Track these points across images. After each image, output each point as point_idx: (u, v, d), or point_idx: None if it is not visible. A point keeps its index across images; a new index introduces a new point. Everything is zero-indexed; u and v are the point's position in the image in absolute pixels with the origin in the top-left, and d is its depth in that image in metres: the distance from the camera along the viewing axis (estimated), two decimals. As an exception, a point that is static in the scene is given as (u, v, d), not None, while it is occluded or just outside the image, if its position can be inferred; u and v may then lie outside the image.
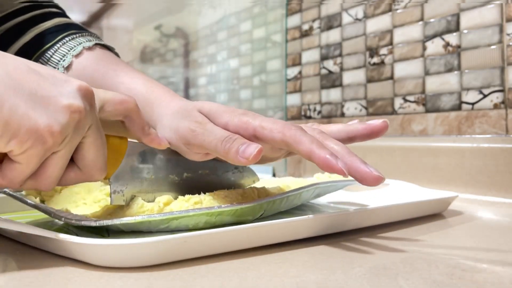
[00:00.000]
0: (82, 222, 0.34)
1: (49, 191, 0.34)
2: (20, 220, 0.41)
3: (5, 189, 0.40)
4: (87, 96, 0.33)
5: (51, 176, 0.32)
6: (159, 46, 1.68)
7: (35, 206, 0.37)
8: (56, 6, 0.58)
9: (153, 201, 0.39)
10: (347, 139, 0.44)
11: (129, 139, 0.40)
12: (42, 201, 0.41)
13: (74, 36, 0.53)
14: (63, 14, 0.58)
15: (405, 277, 0.30)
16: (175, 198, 0.40)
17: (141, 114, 0.39)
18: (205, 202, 0.39)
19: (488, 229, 0.47)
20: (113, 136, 0.38)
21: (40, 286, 0.28)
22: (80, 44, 0.52)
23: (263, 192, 0.44)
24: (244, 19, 1.20)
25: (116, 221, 0.33)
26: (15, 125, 0.29)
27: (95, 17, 2.61)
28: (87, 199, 0.41)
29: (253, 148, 0.36)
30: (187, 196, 0.39)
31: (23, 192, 0.41)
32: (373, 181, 0.35)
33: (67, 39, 0.53)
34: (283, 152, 0.43)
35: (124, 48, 2.21)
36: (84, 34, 0.54)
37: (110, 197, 0.38)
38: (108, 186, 0.40)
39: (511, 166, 0.61)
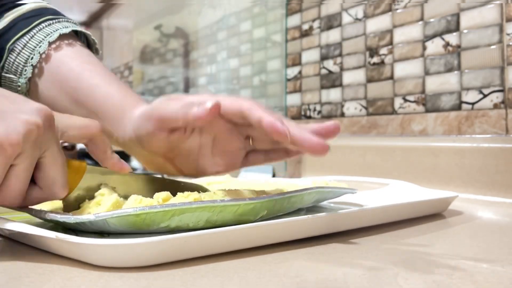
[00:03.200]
0: (80, 217, 0.33)
1: (16, 204, 0.35)
2: (20, 220, 0.41)
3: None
4: (46, 116, 0.34)
5: (14, 189, 0.34)
6: (159, 46, 1.68)
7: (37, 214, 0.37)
8: None
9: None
10: None
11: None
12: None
13: (51, 22, 0.53)
14: None
15: (405, 277, 0.30)
16: None
17: (105, 139, 0.41)
18: (205, 199, 0.38)
19: (488, 229, 0.47)
20: (72, 159, 0.39)
21: (40, 286, 0.28)
22: (56, 30, 0.52)
23: (261, 194, 0.44)
24: (244, 19, 1.20)
25: (115, 213, 0.33)
26: None
27: (95, 17, 2.61)
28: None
29: (210, 102, 0.38)
30: (186, 193, 0.38)
31: None
32: (321, 149, 0.38)
33: (43, 24, 0.52)
34: (240, 142, 0.45)
35: (124, 48, 2.21)
36: (60, 20, 0.54)
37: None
38: (103, 190, 0.40)
39: (511, 166, 0.61)
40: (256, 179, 0.77)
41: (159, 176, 0.46)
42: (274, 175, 1.04)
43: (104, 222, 0.33)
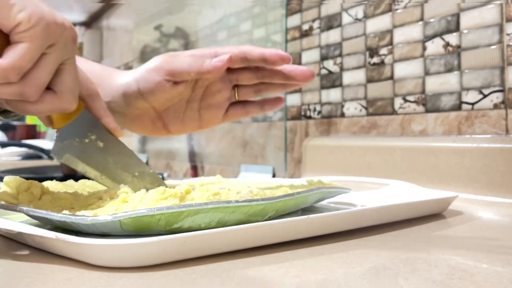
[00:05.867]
0: (97, 219, 0.33)
1: (33, 98, 0.36)
2: (20, 220, 0.41)
3: None
4: (75, 30, 0.37)
5: (38, 78, 0.35)
6: (159, 46, 1.68)
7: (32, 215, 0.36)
8: None
9: (82, 171, 0.44)
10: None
11: None
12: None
13: None
14: None
15: (405, 277, 0.30)
16: (98, 174, 0.44)
17: (103, 100, 0.44)
18: (222, 195, 0.39)
19: (488, 229, 0.47)
20: None
21: (40, 286, 0.28)
22: None
23: (269, 194, 0.44)
24: (244, 19, 1.20)
25: (133, 213, 0.32)
26: (25, 1, 0.33)
27: (95, 17, 2.60)
28: (74, 204, 0.40)
29: (225, 55, 0.44)
30: (206, 187, 0.39)
31: (2, 202, 0.40)
32: (310, 74, 0.45)
33: None
34: (228, 92, 0.51)
35: (124, 48, 2.20)
36: None
37: (53, 147, 0.42)
38: (98, 189, 0.41)
39: (511, 166, 0.61)
40: (256, 179, 0.77)
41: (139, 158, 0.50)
42: (274, 175, 1.04)
43: (118, 223, 0.33)
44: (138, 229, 0.34)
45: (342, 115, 0.90)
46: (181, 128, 0.52)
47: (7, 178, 0.41)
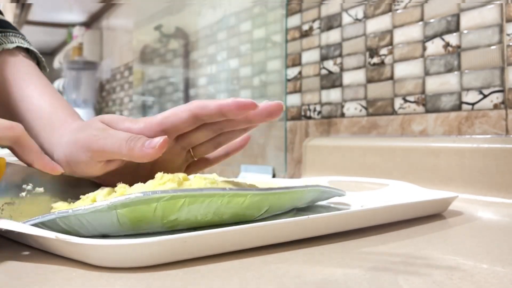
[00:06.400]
0: (94, 205, 0.32)
1: None
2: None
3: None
4: None
5: None
6: (159, 46, 1.68)
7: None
8: None
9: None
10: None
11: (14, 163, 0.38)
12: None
13: None
14: None
15: (405, 277, 0.30)
16: None
17: (31, 140, 0.38)
18: (220, 184, 0.39)
19: (488, 229, 0.47)
20: None
21: (40, 286, 0.28)
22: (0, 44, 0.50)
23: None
24: (244, 19, 1.20)
25: (128, 198, 0.32)
26: None
27: (95, 17, 2.61)
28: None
29: (159, 139, 0.36)
30: (203, 176, 0.38)
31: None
32: (278, 108, 0.37)
33: None
34: (182, 158, 0.44)
35: (124, 48, 2.21)
36: (8, 34, 0.52)
37: None
38: (92, 191, 0.39)
39: (511, 166, 0.61)
40: (255, 179, 0.77)
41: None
42: (274, 176, 1.04)
43: (115, 215, 0.32)
44: (135, 220, 0.34)
45: (342, 115, 0.90)
46: (134, 182, 0.46)
47: None
